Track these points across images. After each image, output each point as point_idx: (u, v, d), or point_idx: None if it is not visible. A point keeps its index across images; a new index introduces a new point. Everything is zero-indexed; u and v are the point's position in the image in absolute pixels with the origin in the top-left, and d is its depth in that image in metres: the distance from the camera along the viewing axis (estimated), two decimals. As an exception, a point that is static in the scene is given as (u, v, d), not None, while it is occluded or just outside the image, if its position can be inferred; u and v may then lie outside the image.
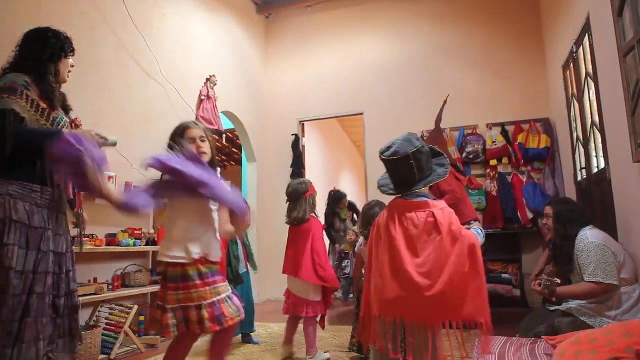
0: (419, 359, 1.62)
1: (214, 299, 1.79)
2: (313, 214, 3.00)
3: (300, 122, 6.14)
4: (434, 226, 1.70)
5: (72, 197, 2.11)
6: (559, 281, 2.55)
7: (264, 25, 6.45)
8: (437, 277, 1.61)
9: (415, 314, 1.62)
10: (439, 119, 4.27)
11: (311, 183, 3.04)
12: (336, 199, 5.54)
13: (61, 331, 1.89)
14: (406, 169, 1.78)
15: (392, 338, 1.65)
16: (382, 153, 1.85)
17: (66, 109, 2.16)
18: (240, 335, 3.44)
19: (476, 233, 1.78)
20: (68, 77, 2.15)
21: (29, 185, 1.84)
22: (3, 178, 1.79)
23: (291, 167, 5.92)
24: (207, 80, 4.85)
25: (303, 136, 6.16)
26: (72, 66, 2.17)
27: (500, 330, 2.98)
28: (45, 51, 2.01)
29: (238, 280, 3.30)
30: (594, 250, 2.49)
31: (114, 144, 2.12)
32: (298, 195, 2.95)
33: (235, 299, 1.88)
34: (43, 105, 1.92)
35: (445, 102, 4.34)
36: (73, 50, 2.13)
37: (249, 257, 3.50)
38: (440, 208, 1.75)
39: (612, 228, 2.94)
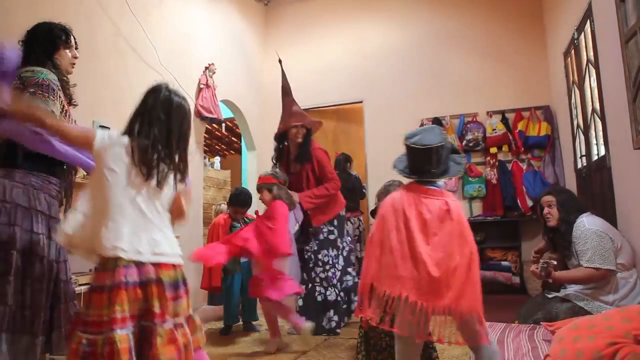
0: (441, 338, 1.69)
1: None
2: None
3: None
4: (446, 213, 1.79)
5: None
6: (555, 262, 2.58)
7: (263, 13, 6.39)
8: (444, 264, 1.69)
9: (420, 294, 1.68)
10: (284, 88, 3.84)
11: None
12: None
13: None
14: (427, 159, 1.85)
15: (415, 321, 1.68)
16: (407, 139, 1.91)
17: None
18: (242, 323, 3.46)
19: None
20: (72, 68, 2.18)
21: (47, 177, 1.92)
22: (24, 169, 1.86)
23: (291, 155, 5.91)
24: (206, 68, 4.81)
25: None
26: (75, 57, 2.19)
27: (499, 317, 3.01)
28: (41, 46, 2.03)
29: (235, 268, 3.30)
30: (590, 237, 2.52)
31: None
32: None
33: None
34: (66, 106, 2.00)
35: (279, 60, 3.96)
36: (67, 41, 2.11)
37: None
38: (452, 199, 1.86)
39: (612, 215, 2.95)
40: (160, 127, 1.51)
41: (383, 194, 2.52)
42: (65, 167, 2.02)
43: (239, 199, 3.53)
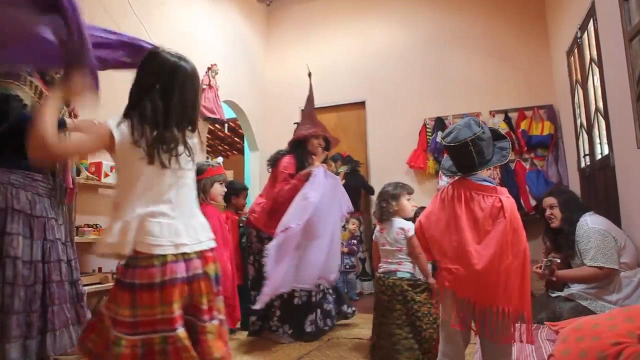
0: (489, 335, 1.67)
1: None
2: None
3: (303, 110, 6.09)
4: (499, 211, 1.74)
5: (71, 187, 2.06)
6: (558, 260, 2.57)
7: (265, 13, 6.40)
8: (496, 263, 1.66)
9: (470, 292, 1.69)
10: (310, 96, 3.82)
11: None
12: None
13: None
14: (465, 154, 1.82)
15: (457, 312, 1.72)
16: (442, 138, 1.91)
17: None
18: (240, 323, 3.45)
19: None
20: None
21: (30, 174, 1.83)
22: (4, 167, 1.77)
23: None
24: (209, 69, 4.82)
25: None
26: None
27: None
28: None
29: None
30: (593, 236, 2.51)
31: None
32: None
33: None
34: (45, 92, 1.93)
35: (309, 74, 3.91)
36: None
37: None
38: (506, 196, 1.80)
39: (616, 214, 2.94)
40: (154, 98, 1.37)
41: (387, 196, 2.52)
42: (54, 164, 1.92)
43: (236, 184, 3.60)
